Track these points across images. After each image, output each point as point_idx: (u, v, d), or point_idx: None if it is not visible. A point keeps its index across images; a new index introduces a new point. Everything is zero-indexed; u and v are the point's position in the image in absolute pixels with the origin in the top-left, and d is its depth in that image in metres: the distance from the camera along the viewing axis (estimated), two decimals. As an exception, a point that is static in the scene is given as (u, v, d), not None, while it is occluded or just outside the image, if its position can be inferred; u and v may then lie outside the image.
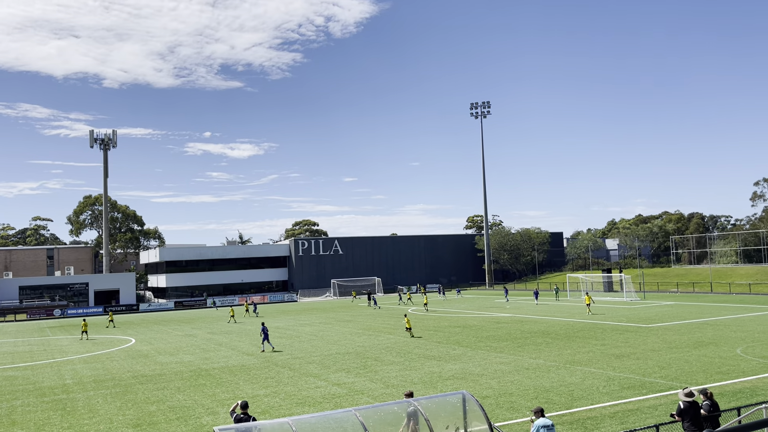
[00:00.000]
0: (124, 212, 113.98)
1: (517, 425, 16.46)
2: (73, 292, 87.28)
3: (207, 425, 17.94)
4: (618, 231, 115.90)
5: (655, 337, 32.10)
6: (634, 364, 24.71)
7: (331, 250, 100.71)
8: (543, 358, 26.93)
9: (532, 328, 38.52)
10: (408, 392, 15.03)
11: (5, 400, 23.05)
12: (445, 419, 12.48)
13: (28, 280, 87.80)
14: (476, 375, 23.81)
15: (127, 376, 27.43)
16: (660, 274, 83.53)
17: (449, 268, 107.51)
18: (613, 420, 16.52)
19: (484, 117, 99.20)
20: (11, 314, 76.82)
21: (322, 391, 22.05)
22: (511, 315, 48.82)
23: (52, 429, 18.38)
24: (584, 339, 32.62)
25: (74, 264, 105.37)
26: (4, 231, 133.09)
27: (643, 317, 42.59)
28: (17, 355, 37.09)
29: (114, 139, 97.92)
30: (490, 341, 33.38)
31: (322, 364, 28.29)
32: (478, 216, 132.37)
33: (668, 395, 19.10)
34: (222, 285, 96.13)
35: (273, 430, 11.91)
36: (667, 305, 52.21)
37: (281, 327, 47.46)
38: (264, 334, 33.84)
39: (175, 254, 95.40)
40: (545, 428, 12.70)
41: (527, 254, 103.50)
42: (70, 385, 25.65)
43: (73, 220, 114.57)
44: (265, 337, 33.71)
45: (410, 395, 14.85)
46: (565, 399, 19.19)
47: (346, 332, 41.35)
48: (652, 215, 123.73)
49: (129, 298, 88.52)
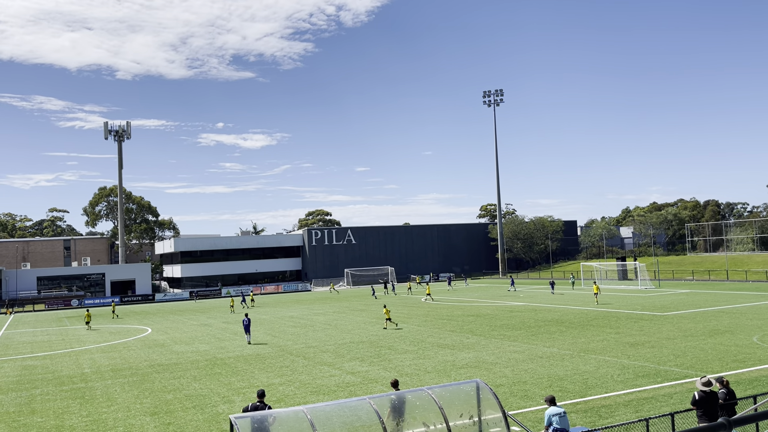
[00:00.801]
0: (139, 203, 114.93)
1: (531, 413, 16.48)
2: (89, 283, 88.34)
3: (223, 413, 18.13)
4: (632, 219, 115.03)
5: (670, 326, 31.93)
6: (648, 352, 24.60)
7: (344, 240, 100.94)
8: (557, 347, 26.89)
9: (545, 317, 38.44)
10: (393, 381, 14.93)
11: (25, 389, 23.43)
12: (459, 407, 12.52)
13: (46, 271, 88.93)
14: (490, 363, 23.83)
15: (144, 365, 27.76)
16: (675, 262, 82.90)
17: (462, 257, 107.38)
18: (627, 408, 16.48)
19: (497, 105, 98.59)
20: (29, 304, 77.91)
21: (337, 380, 22.19)
22: (524, 304, 48.74)
23: (72, 417, 18.67)
24: (598, 327, 32.52)
25: (90, 255, 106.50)
26: (21, 222, 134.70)
27: (658, 305, 42.35)
28: (36, 345, 37.65)
29: (128, 130, 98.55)
30: (504, 330, 33.37)
31: (336, 353, 28.45)
32: (492, 205, 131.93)
33: (684, 383, 19.02)
34: (236, 275, 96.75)
35: (288, 418, 12.01)
36: (682, 293, 51.86)
37: (295, 316, 47.75)
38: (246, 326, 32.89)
39: (190, 244, 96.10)
40: (557, 416, 12.71)
41: (541, 243, 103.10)
42: (88, 374, 26.02)
43: (88, 211, 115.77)
44: (246, 329, 32.82)
45: (395, 384, 14.75)
46: (579, 387, 19.17)
47: (359, 321, 41.52)
48: (667, 203, 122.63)
49: (145, 288, 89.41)
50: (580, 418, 15.72)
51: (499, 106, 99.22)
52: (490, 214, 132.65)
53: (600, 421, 15.39)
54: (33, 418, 18.84)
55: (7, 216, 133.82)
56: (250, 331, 33.69)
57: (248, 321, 33.38)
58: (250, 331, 33.20)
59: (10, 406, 20.66)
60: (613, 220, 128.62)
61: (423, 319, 40.63)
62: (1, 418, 18.93)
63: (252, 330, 39.63)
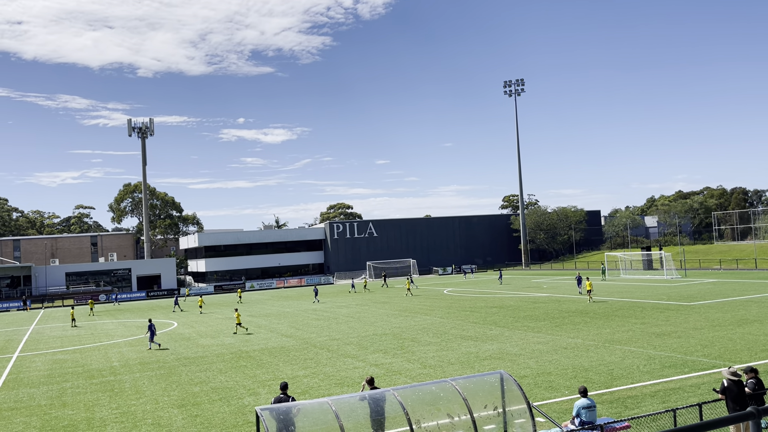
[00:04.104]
0: (163, 199, 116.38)
1: (556, 404, 16.40)
2: (116, 278, 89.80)
3: (249, 405, 18.35)
4: (657, 208, 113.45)
5: (697, 315, 31.49)
6: (675, 342, 24.31)
7: (366, 233, 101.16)
8: (581, 338, 26.70)
9: (569, 308, 38.17)
10: (369, 378, 14.12)
11: (56, 383, 23.94)
12: (483, 399, 12.50)
13: (74, 267, 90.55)
14: (514, 355, 23.75)
15: (171, 358, 28.17)
16: (702, 251, 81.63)
17: (485, 249, 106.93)
18: (654, 399, 16.32)
19: (518, 95, 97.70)
20: (59, 299, 79.44)
21: (360, 372, 22.30)
22: (548, 295, 48.43)
23: (102, 409, 19.04)
24: (623, 318, 32.20)
25: (117, 250, 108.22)
26: (49, 219, 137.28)
27: (685, 295, 41.78)
28: (66, 339, 38.41)
29: (151, 127, 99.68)
30: (528, 321, 33.21)
31: (359, 345, 28.58)
32: (514, 195, 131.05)
33: (711, 374, 18.76)
34: (260, 269, 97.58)
35: (313, 410, 12.11)
36: (709, 282, 51.08)
37: (318, 309, 48.03)
38: (150, 331, 31.55)
39: (214, 239, 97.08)
40: (586, 410, 12.61)
41: (564, 233, 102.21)
42: (117, 368, 26.49)
43: (114, 207, 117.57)
44: (151, 335, 31.50)
45: (371, 382, 13.96)
46: (605, 378, 19.02)
47: (382, 314, 41.63)
48: (693, 191, 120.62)
49: (170, 282, 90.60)
50: (606, 409, 15.61)
51: (520, 96, 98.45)
52: (513, 205, 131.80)
53: (626, 411, 15.27)
54: (64, 410, 19.26)
55: (35, 213, 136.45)
56: (154, 338, 31.70)
57: (153, 326, 31.63)
58: (153, 338, 31.51)
59: (42, 399, 21.14)
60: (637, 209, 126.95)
61: (446, 311, 40.61)
62: (34, 411, 19.38)
63: (276, 323, 39.98)
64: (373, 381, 14.22)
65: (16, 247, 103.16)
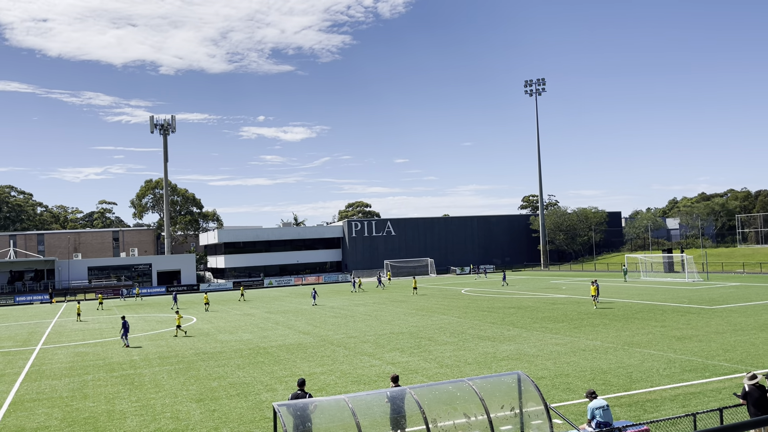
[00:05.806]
0: (184, 195, 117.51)
1: (573, 406, 16.29)
2: (137, 273, 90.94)
3: (266, 401, 18.47)
4: (678, 210, 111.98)
5: (719, 319, 31.05)
6: (696, 346, 24.00)
7: (384, 231, 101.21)
8: (600, 340, 26.47)
9: (588, 310, 37.85)
10: (393, 376, 14.26)
11: (78, 375, 24.31)
12: (500, 399, 12.45)
13: (96, 261, 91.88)
14: (531, 356, 23.62)
15: (190, 353, 28.46)
16: (724, 254, 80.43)
17: (503, 249, 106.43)
18: (673, 403, 16.13)
19: (539, 95, 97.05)
20: (81, 293, 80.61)
21: (377, 370, 22.33)
22: (567, 296, 48.07)
23: (122, 402, 19.30)
24: (643, 320, 31.85)
25: (138, 246, 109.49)
26: (73, 214, 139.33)
27: (706, 299, 41.21)
28: (87, 333, 38.98)
29: (173, 124, 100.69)
30: (546, 322, 32.99)
31: (376, 343, 28.62)
32: (533, 196, 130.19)
33: (733, 378, 18.49)
34: (278, 266, 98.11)
35: (330, 406, 12.16)
36: (732, 286, 50.32)
37: (336, 307, 48.17)
38: (124, 329, 31.44)
39: (233, 236, 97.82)
40: (600, 409, 12.50)
41: (584, 234, 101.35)
42: (137, 361, 26.82)
43: (135, 203, 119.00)
44: (124, 332, 31.37)
45: (395, 379, 14.10)
46: (624, 381, 18.84)
47: (399, 312, 41.64)
48: (716, 193, 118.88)
49: (190, 278, 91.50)
50: (625, 412, 15.46)
51: (541, 95, 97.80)
52: (532, 206, 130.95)
53: (645, 415, 15.12)
54: (85, 402, 19.55)
55: (59, 208, 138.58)
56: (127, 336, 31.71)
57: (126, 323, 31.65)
58: (127, 335, 31.46)
59: (63, 391, 21.48)
60: (659, 211, 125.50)
61: (463, 311, 40.50)
62: (56, 403, 19.71)
63: (293, 320, 40.17)
64: (398, 379, 14.26)
65: (40, 241, 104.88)
